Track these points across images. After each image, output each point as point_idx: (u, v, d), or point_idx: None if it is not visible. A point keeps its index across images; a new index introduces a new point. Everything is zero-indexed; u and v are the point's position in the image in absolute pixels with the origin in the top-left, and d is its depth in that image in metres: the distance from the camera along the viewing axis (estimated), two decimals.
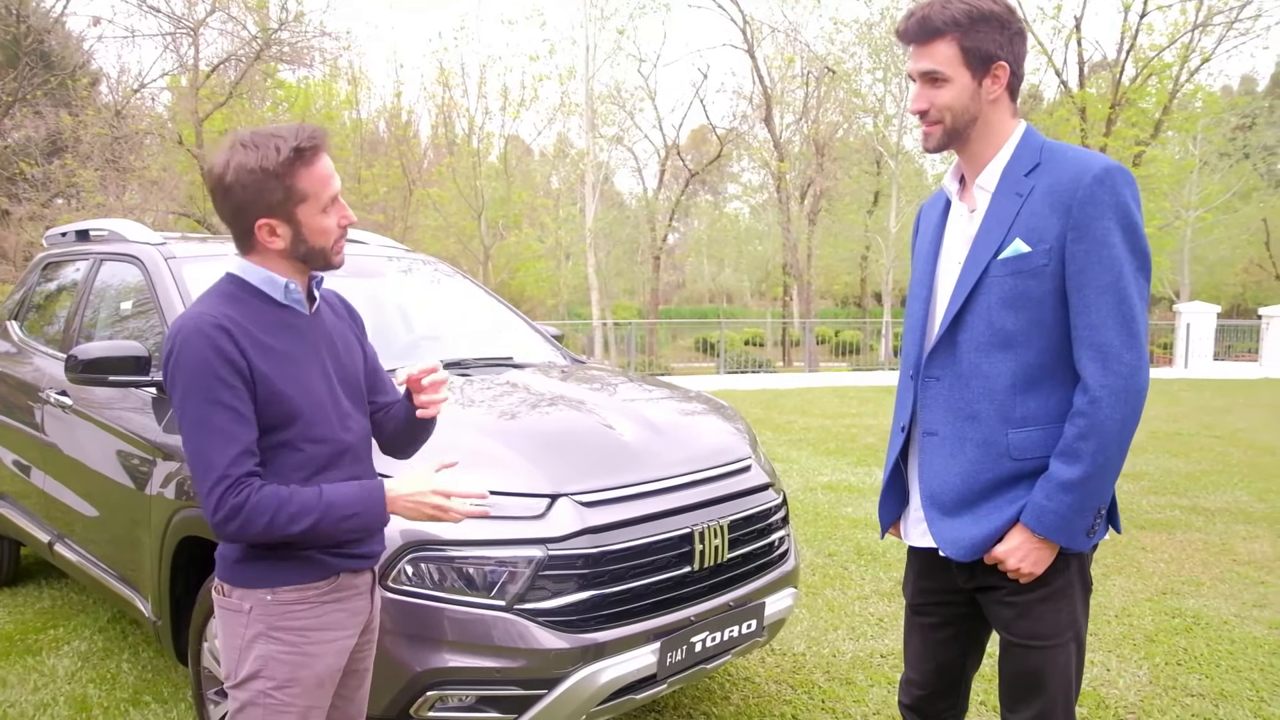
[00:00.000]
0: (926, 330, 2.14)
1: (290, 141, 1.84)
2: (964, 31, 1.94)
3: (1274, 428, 11.25)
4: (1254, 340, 23.07)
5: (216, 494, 1.78)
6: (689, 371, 22.59)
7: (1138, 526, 6.41)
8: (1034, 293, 1.94)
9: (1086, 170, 1.89)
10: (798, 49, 28.30)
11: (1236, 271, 37.67)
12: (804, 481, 7.87)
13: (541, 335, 4.58)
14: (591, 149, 27.78)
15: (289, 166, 1.84)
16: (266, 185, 1.84)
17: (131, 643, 4.28)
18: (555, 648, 2.60)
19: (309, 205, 1.89)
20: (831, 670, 4.00)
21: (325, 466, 1.96)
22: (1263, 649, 4.22)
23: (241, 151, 1.84)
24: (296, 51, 21.13)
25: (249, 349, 1.85)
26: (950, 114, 2.00)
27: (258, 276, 1.94)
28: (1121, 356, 1.88)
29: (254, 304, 1.92)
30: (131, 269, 4.01)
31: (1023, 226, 1.94)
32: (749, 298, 50.99)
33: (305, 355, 1.97)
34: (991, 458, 2.01)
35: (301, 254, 1.93)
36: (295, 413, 1.91)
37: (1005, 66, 1.98)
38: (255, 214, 1.87)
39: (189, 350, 1.81)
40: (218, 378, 1.80)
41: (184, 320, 1.85)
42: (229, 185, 1.85)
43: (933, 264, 2.16)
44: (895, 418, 2.25)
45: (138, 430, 3.50)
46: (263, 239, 1.90)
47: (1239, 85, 37.65)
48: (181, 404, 1.82)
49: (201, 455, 1.80)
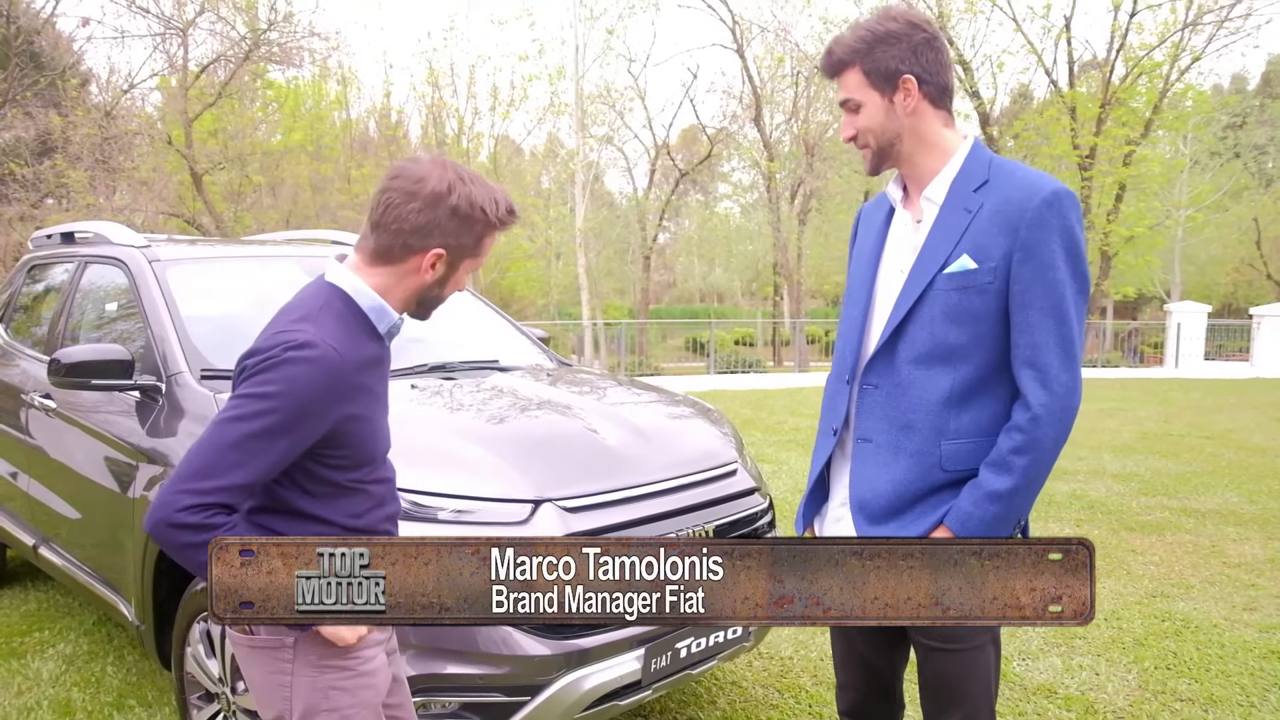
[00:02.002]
0: (864, 336, 2.16)
1: (507, 204, 1.86)
2: (863, 57, 2.01)
3: (1265, 429, 11.28)
4: (1245, 340, 23.14)
5: (188, 500, 1.64)
6: (679, 371, 22.57)
7: (1127, 528, 6.41)
8: (977, 309, 1.97)
9: (1036, 193, 1.94)
10: (787, 49, 28.30)
11: (1227, 271, 37.78)
12: (793, 483, 7.86)
13: (528, 338, 4.56)
14: (581, 149, 27.76)
15: (492, 227, 1.85)
16: (473, 228, 1.82)
17: (116, 646, 4.25)
18: (538, 654, 2.58)
19: (471, 263, 1.89)
20: (819, 674, 3.98)
21: (378, 505, 1.94)
22: (1253, 653, 4.22)
23: (469, 185, 1.81)
24: (285, 52, 21.04)
25: (349, 395, 1.77)
26: (872, 135, 2.06)
27: (369, 302, 1.85)
28: (1059, 377, 1.93)
29: (357, 332, 1.83)
30: (116, 272, 3.98)
31: (970, 243, 1.98)
32: (739, 297, 50.97)
33: (383, 394, 1.94)
34: (924, 468, 2.04)
35: (429, 298, 1.91)
36: (374, 454, 1.90)
37: (911, 79, 2.01)
38: (439, 243, 1.82)
39: (296, 372, 1.69)
40: (298, 415, 1.70)
41: (301, 336, 1.72)
42: (449, 204, 1.79)
43: (873, 270, 2.19)
44: (825, 420, 2.26)
45: (121, 434, 3.47)
46: (421, 266, 1.83)
47: (1229, 84, 37.76)
48: (242, 400, 1.70)
49: (207, 456, 1.67)
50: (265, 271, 4.20)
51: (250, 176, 22.33)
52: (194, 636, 3.02)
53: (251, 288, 4.07)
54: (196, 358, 3.35)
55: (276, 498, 1.82)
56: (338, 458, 1.81)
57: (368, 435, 1.85)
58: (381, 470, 1.95)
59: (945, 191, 2.05)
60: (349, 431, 1.79)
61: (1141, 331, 25.66)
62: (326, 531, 1.84)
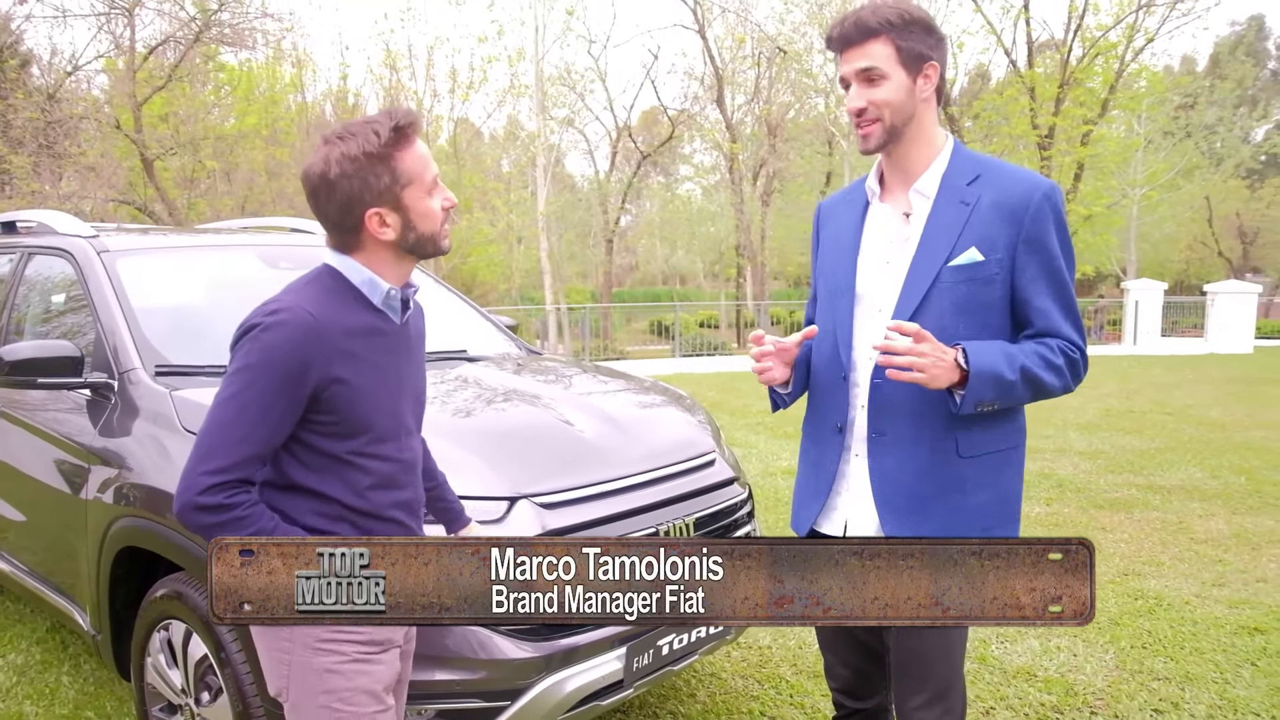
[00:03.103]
0: (854, 332, 2.13)
1: (387, 123, 1.79)
2: (898, 31, 2.00)
3: (1221, 403, 11.43)
4: (1199, 316, 23.50)
5: (206, 482, 1.72)
6: (644, 355, 22.51)
7: (1096, 506, 6.44)
8: (984, 299, 2.02)
9: (1036, 187, 2.01)
10: (749, 29, 28.21)
11: (1181, 249, 38.39)
12: (763, 467, 7.82)
13: (495, 326, 4.45)
14: (542, 131, 27.51)
15: (392, 148, 1.79)
16: (373, 170, 1.78)
17: (72, 654, 4.09)
18: (517, 657, 2.49)
19: (415, 188, 1.83)
20: (799, 663, 3.93)
21: (381, 485, 1.92)
22: (1224, 629, 4.23)
23: (340, 143, 1.79)
24: (238, 33, 20.54)
25: (332, 355, 1.79)
26: (889, 110, 2.03)
27: (359, 277, 1.88)
28: (1080, 346, 2.06)
29: (350, 304, 1.87)
30: (62, 263, 3.80)
31: (974, 234, 2.01)
32: (702, 279, 50.99)
33: (387, 366, 1.92)
34: (942, 456, 2.05)
35: (411, 242, 1.87)
36: (365, 425, 1.87)
37: (936, 66, 2.03)
38: (364, 204, 1.80)
39: (269, 336, 1.74)
40: (279, 376, 1.74)
41: (277, 304, 1.79)
42: (334, 180, 1.78)
43: (853, 265, 2.16)
44: (820, 418, 2.24)
45: (71, 434, 3.32)
46: (374, 230, 1.83)
47: (1180, 66, 38.24)
48: (229, 378, 1.77)
49: (213, 437, 1.74)
50: (221, 262, 4.04)
51: (203, 162, 21.79)
52: (154, 646, 2.90)
53: (207, 279, 3.93)
54: (150, 353, 3.20)
55: (278, 469, 1.85)
56: (327, 424, 1.82)
57: (358, 403, 1.84)
58: (384, 447, 1.91)
59: (937, 185, 2.07)
60: (335, 396, 1.80)
61: (1102, 309, 25.97)
62: (326, 508, 1.86)
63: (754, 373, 2.20)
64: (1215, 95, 31.86)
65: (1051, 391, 2.03)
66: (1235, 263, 40.07)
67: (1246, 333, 21.03)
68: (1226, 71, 32.43)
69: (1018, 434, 2.15)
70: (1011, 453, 2.13)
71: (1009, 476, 2.12)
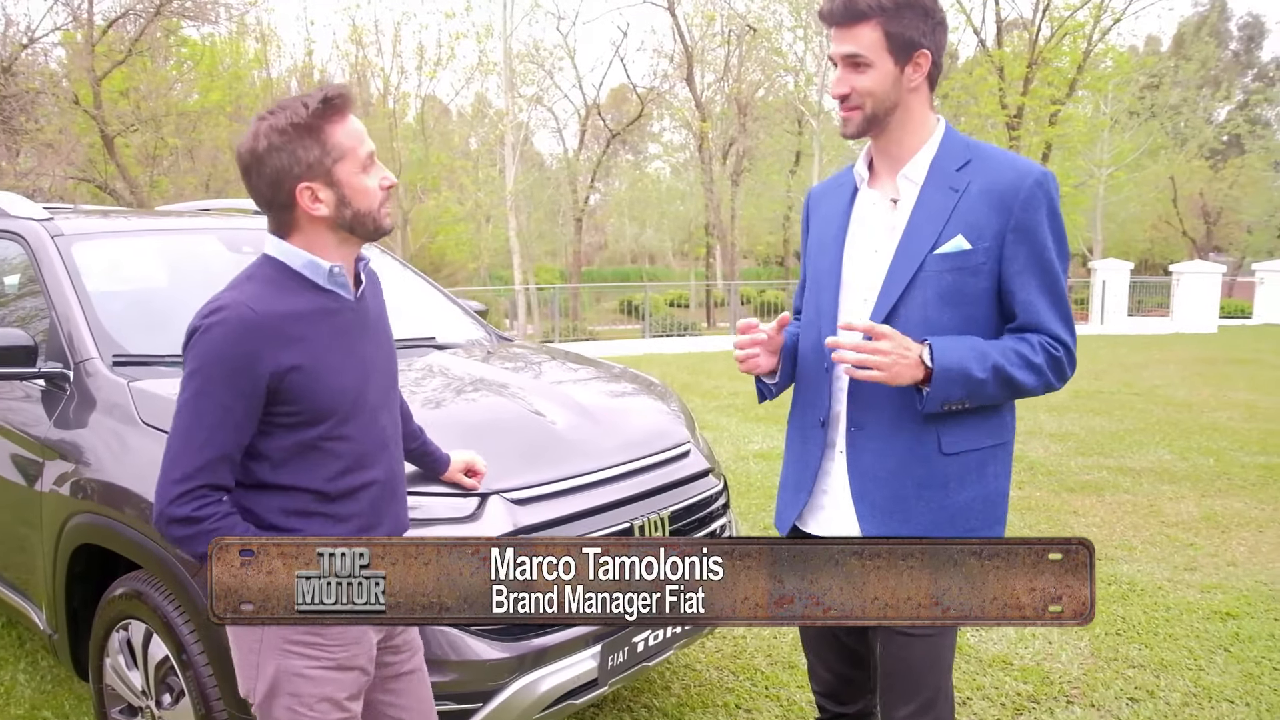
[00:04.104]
0: (838, 321, 2.05)
1: (317, 95, 1.76)
2: (889, 16, 1.91)
3: (1188, 383, 11.54)
4: (1164, 296, 23.74)
5: (175, 491, 1.72)
6: (613, 335, 22.43)
7: (1068, 489, 6.46)
8: (970, 289, 1.94)
9: (1027, 174, 1.93)
10: (718, 6, 28.04)
11: (1145, 228, 38.74)
12: (735, 450, 7.79)
13: (464, 311, 4.35)
14: (511, 109, 27.22)
15: (321, 118, 1.75)
16: (302, 143, 1.74)
17: (29, 650, 3.98)
18: (490, 658, 2.42)
19: (347, 163, 1.78)
20: (773, 654, 3.89)
21: (353, 467, 1.88)
22: (1197, 614, 4.25)
23: (269, 117, 1.76)
24: (200, 7, 20.11)
25: (280, 347, 1.76)
26: (871, 100, 1.96)
27: (299, 260, 1.84)
28: (1067, 343, 1.97)
29: (294, 290, 1.82)
30: (14, 247, 3.66)
31: (961, 222, 1.93)
32: (671, 258, 50.87)
33: (344, 347, 1.87)
34: (924, 452, 1.98)
35: (348, 219, 1.82)
36: (329, 409, 1.83)
37: (928, 55, 1.94)
38: (294, 178, 1.76)
39: (210, 336, 1.72)
40: (227, 375, 1.72)
41: (216, 303, 1.76)
42: (262, 153, 1.75)
43: (839, 252, 2.09)
44: (803, 413, 2.17)
45: (23, 426, 3.20)
46: (305, 205, 1.78)
47: (1144, 46, 38.49)
48: (183, 386, 1.76)
49: (176, 446, 1.74)
50: (182, 246, 3.91)
51: (166, 139, 21.35)
52: (113, 646, 2.81)
53: (167, 264, 3.80)
54: (108, 342, 3.08)
55: (244, 468, 1.82)
56: (290, 414, 1.79)
57: (319, 387, 1.81)
58: (350, 427, 1.87)
59: (925, 171, 1.99)
60: (293, 384, 1.77)
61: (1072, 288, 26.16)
62: (294, 503, 1.84)
63: (737, 360, 2.12)
64: (1179, 76, 32.10)
65: (1029, 391, 1.95)
66: (1199, 242, 40.54)
67: (1211, 312, 21.26)
68: (1190, 52, 32.66)
69: (1005, 430, 2.07)
70: (998, 449, 2.05)
71: (994, 475, 2.04)
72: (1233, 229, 41.27)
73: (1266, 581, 4.65)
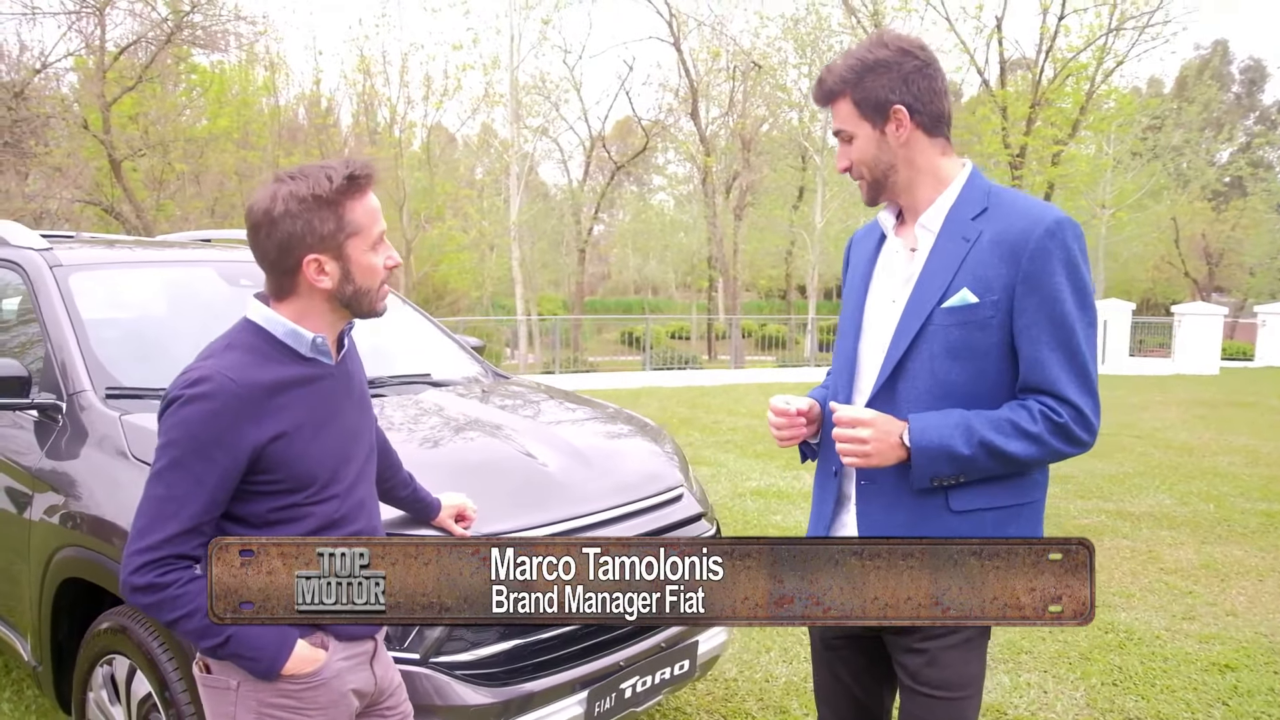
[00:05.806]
0: (856, 371, 2.04)
1: (343, 170, 1.74)
2: (853, 87, 1.93)
3: (1189, 426, 11.50)
4: (1165, 336, 23.72)
5: (138, 561, 1.69)
6: (614, 367, 22.42)
7: (1066, 534, 6.40)
8: (979, 344, 1.88)
9: (1039, 222, 1.85)
10: (724, 43, 28.28)
11: (1148, 269, 38.85)
12: (732, 487, 7.75)
13: (461, 347, 4.35)
14: (516, 140, 27.40)
15: (342, 195, 1.74)
16: (319, 214, 1.73)
17: (14, 679, 3.94)
18: (475, 703, 2.39)
19: (359, 240, 1.77)
20: (765, 698, 3.85)
21: (331, 525, 1.85)
22: (1195, 665, 4.20)
23: (290, 182, 1.73)
24: (210, 35, 20.32)
25: (262, 418, 1.73)
26: (865, 167, 1.98)
27: (282, 329, 1.81)
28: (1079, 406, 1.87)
29: (276, 359, 1.80)
30: (12, 276, 3.66)
31: (969, 274, 1.87)
32: (674, 290, 50.98)
33: (326, 414, 1.86)
34: (932, 509, 1.92)
35: (348, 295, 1.81)
36: (308, 479, 1.81)
37: (902, 109, 1.91)
38: (305, 248, 1.74)
39: (189, 411, 1.69)
40: (203, 449, 1.69)
41: (196, 373, 1.73)
42: (277, 217, 1.73)
43: (862, 300, 2.07)
44: (824, 461, 2.13)
45: (14, 457, 3.19)
46: (310, 277, 1.77)
47: (1147, 88, 38.73)
48: (157, 455, 1.73)
49: (145, 515, 1.71)
50: (180, 278, 3.92)
51: (173, 164, 21.54)
52: (97, 681, 2.78)
53: (165, 296, 3.80)
54: (101, 374, 3.08)
55: (223, 534, 1.76)
56: (270, 482, 1.77)
57: (303, 455, 1.79)
58: (329, 491, 1.84)
59: (942, 220, 1.95)
60: (276, 452, 1.75)
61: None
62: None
63: (777, 441, 2.11)
64: (1182, 118, 32.29)
65: (1032, 461, 1.84)
66: (1201, 283, 40.62)
67: (1213, 354, 21.22)
68: (1193, 94, 32.88)
69: (1032, 489, 1.96)
70: (1024, 509, 1.95)
71: (1019, 534, 1.93)
72: (1235, 270, 41.35)
73: (1266, 633, 4.60)
